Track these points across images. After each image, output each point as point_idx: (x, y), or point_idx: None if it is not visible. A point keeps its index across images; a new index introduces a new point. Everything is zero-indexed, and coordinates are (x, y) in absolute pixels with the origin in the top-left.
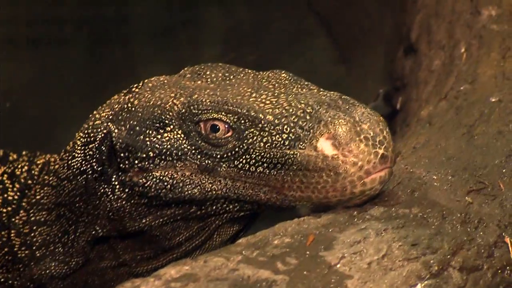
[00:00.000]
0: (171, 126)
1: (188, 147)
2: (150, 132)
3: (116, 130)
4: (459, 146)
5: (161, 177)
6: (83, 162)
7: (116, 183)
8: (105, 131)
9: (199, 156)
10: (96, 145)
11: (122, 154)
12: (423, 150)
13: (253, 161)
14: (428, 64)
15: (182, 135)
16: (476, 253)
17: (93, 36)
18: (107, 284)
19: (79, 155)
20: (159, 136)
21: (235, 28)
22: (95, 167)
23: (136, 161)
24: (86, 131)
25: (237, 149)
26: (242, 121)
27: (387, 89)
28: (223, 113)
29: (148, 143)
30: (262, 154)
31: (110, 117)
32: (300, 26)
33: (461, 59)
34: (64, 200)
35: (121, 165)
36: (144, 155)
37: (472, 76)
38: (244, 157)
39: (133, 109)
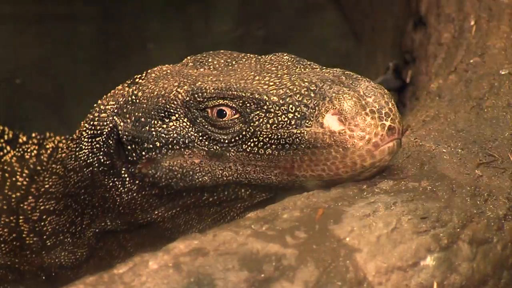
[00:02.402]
0: (176, 115)
1: (195, 134)
2: (155, 122)
3: (122, 124)
4: (469, 119)
5: (170, 167)
6: (90, 155)
7: (126, 175)
8: (111, 125)
9: (206, 143)
10: (103, 139)
11: (129, 147)
12: (433, 123)
13: (261, 143)
14: (437, 37)
15: (188, 123)
16: (486, 226)
17: (102, 12)
18: None
19: (86, 147)
20: (164, 126)
21: (244, 4)
22: (102, 160)
23: (143, 152)
24: (92, 123)
25: (244, 133)
26: (248, 105)
27: (397, 62)
28: (228, 98)
29: (154, 133)
30: (270, 135)
31: (115, 110)
32: (309, 1)
33: (470, 32)
34: (71, 191)
35: (129, 157)
36: (151, 146)
37: (481, 49)
38: (252, 140)
39: (137, 101)
